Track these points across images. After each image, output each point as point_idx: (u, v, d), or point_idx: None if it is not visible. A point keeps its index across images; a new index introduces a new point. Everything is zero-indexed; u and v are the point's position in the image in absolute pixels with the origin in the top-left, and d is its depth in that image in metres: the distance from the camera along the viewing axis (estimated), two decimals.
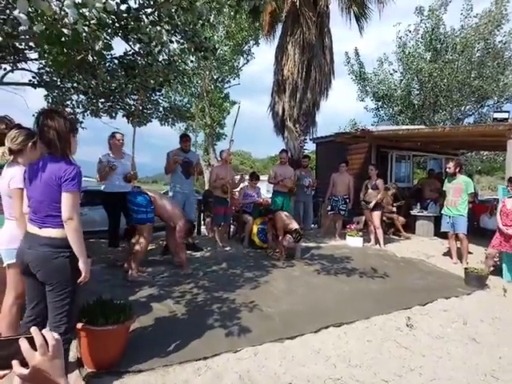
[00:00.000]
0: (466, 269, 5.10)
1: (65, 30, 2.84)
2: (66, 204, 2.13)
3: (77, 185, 2.17)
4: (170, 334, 3.10)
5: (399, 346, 3.11)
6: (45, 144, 2.22)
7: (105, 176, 5.12)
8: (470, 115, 16.75)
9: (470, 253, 6.18)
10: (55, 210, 2.15)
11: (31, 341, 0.79)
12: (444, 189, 6.35)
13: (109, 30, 3.94)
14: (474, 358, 2.94)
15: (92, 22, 2.63)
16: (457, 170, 6.05)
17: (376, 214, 7.06)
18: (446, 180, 6.29)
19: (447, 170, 6.22)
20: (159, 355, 2.77)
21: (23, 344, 0.78)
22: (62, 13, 2.78)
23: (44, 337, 0.80)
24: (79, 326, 2.51)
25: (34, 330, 0.80)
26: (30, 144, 2.53)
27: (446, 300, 4.31)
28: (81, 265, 2.19)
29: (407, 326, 3.49)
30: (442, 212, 6.28)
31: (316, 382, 2.53)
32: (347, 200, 7.68)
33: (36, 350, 0.78)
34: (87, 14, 2.57)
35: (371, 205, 7.05)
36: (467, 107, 16.40)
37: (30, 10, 2.74)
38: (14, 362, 0.78)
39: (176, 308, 3.73)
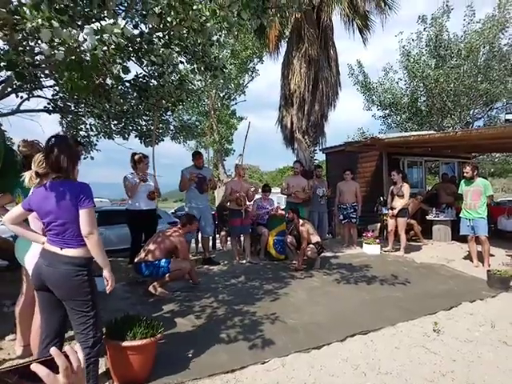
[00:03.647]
0: (488, 271, 5.01)
1: (84, 56, 2.97)
2: (85, 220, 2.22)
3: (92, 201, 2.29)
4: (195, 348, 3.10)
5: (428, 352, 3.06)
6: (54, 168, 2.31)
7: (134, 192, 5.41)
8: (479, 118, 16.69)
9: (491, 255, 6.08)
10: (77, 230, 2.24)
11: (48, 363, 0.72)
12: (460, 192, 6.30)
13: (122, 54, 4.10)
14: (507, 362, 2.87)
15: (111, 47, 2.76)
16: (474, 174, 6.02)
17: (401, 221, 6.95)
18: (463, 183, 6.23)
19: (465, 174, 6.16)
20: (187, 369, 2.78)
21: (39, 369, 0.70)
22: (81, 39, 2.92)
23: (67, 356, 0.75)
24: (108, 342, 2.55)
25: (54, 350, 0.75)
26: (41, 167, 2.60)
27: (470, 303, 4.24)
28: (106, 274, 2.32)
29: (434, 331, 3.44)
30: (461, 216, 6.21)
31: None
32: (356, 207, 7.67)
33: (56, 372, 0.72)
34: (106, 38, 2.69)
35: (395, 211, 6.96)
36: (476, 111, 16.33)
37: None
38: None
39: (199, 322, 3.74)
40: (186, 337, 3.38)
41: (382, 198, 8.31)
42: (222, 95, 19.84)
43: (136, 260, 4.67)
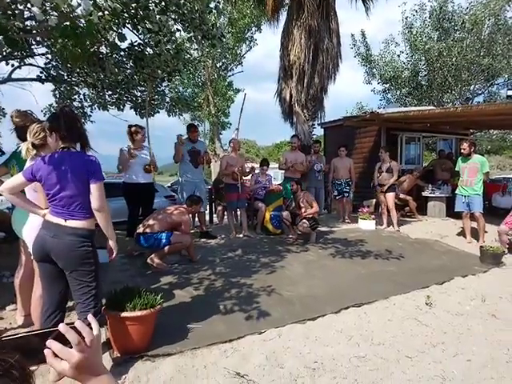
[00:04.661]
0: (481, 247, 5.11)
1: (79, 22, 2.84)
2: (96, 194, 2.22)
3: (102, 174, 2.29)
4: (193, 319, 3.17)
5: (420, 324, 3.15)
6: (71, 138, 2.27)
7: (126, 165, 5.29)
8: (480, 94, 16.50)
9: (485, 232, 6.17)
10: (85, 202, 2.24)
11: (60, 336, 0.72)
12: (457, 169, 6.31)
13: (118, 21, 3.93)
14: (496, 334, 2.97)
15: (106, 12, 2.64)
16: (472, 150, 6.01)
17: (390, 196, 7.04)
18: (460, 160, 6.23)
19: (462, 150, 6.16)
20: (185, 339, 2.84)
21: (54, 345, 0.71)
22: (75, 4, 2.79)
23: (77, 330, 0.75)
24: (108, 313, 2.60)
25: (63, 327, 0.74)
26: (54, 136, 2.55)
27: (462, 278, 4.34)
28: (112, 244, 2.40)
29: (426, 304, 3.53)
30: (457, 192, 6.25)
31: (341, 360, 2.59)
32: (350, 183, 7.75)
33: (69, 346, 0.72)
34: (101, 3, 2.57)
35: (385, 187, 7.03)
36: (476, 86, 16.12)
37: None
38: (49, 354, 0.71)
39: (197, 294, 3.81)
40: (184, 308, 3.45)
41: None
42: (218, 66, 19.35)
43: (136, 232, 4.69)
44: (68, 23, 2.61)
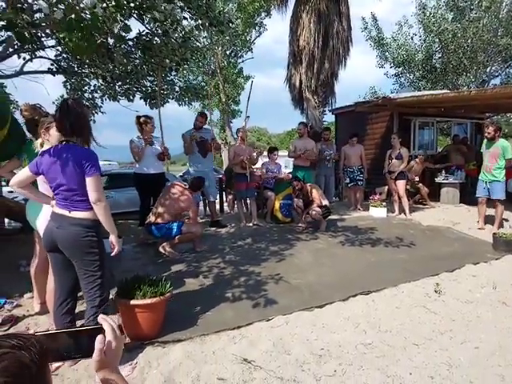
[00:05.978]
0: (494, 234, 5.03)
1: (84, 15, 2.86)
2: (92, 188, 2.24)
3: (98, 168, 2.30)
4: (202, 306, 3.24)
5: (428, 312, 3.15)
6: (63, 132, 2.29)
7: (142, 155, 5.35)
8: (496, 76, 15.92)
9: (504, 219, 6.01)
10: (83, 195, 2.27)
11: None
12: (482, 151, 6.12)
13: (123, 12, 3.93)
14: (505, 321, 2.95)
15: (110, 4, 2.64)
16: (496, 135, 5.75)
17: (400, 183, 6.96)
18: (484, 145, 6.04)
19: (486, 134, 5.92)
20: (195, 325, 2.91)
21: (99, 337, 0.82)
22: None
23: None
24: (119, 301, 2.67)
25: (101, 318, 0.87)
26: (42, 130, 2.58)
27: (474, 265, 4.29)
28: (113, 239, 2.38)
29: (435, 292, 3.52)
30: (479, 178, 6.07)
31: (347, 347, 2.62)
32: (362, 170, 7.67)
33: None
34: None
35: (395, 174, 6.95)
36: (493, 68, 15.56)
37: None
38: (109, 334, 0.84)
39: (206, 282, 3.88)
40: (193, 295, 3.52)
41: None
42: (228, 53, 19.16)
43: (147, 222, 4.77)
44: (73, 16, 2.63)
